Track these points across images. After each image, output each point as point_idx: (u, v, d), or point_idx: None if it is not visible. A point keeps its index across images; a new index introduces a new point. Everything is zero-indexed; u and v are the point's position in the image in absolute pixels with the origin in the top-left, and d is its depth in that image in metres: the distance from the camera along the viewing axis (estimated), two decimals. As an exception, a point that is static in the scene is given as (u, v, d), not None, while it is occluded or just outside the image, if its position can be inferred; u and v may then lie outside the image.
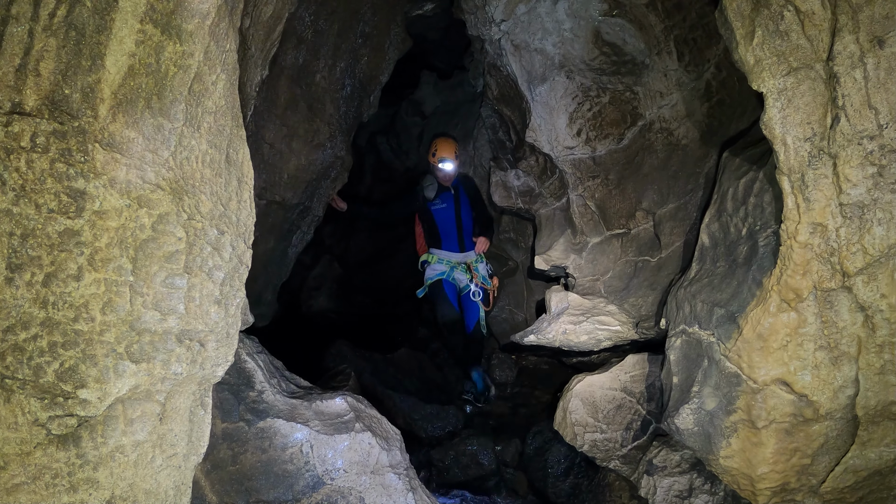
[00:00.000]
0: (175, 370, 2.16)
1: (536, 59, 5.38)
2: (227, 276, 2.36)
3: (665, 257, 4.84)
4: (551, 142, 5.44)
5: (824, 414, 3.22)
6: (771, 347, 3.19)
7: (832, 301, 3.04)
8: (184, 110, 2.16)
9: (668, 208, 4.91)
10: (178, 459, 2.30)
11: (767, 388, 3.25)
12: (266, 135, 5.34)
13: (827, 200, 2.89)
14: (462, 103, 8.61)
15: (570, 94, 5.32)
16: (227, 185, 2.40)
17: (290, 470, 3.36)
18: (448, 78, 9.21)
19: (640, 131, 5.18)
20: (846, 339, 3.07)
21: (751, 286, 3.34)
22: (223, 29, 2.32)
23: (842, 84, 2.80)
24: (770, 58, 2.99)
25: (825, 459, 3.36)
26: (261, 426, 3.38)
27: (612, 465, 4.56)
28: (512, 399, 7.02)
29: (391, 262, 9.63)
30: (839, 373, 3.13)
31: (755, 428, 3.34)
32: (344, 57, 6.08)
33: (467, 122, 8.19)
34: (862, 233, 2.85)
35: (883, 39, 2.72)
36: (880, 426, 3.17)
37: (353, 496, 3.41)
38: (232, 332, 2.46)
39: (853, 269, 2.91)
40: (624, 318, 4.90)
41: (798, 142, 2.93)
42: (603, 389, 4.62)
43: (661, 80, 5.03)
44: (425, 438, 6.32)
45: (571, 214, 5.58)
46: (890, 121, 2.73)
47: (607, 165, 5.33)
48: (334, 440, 3.49)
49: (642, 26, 4.92)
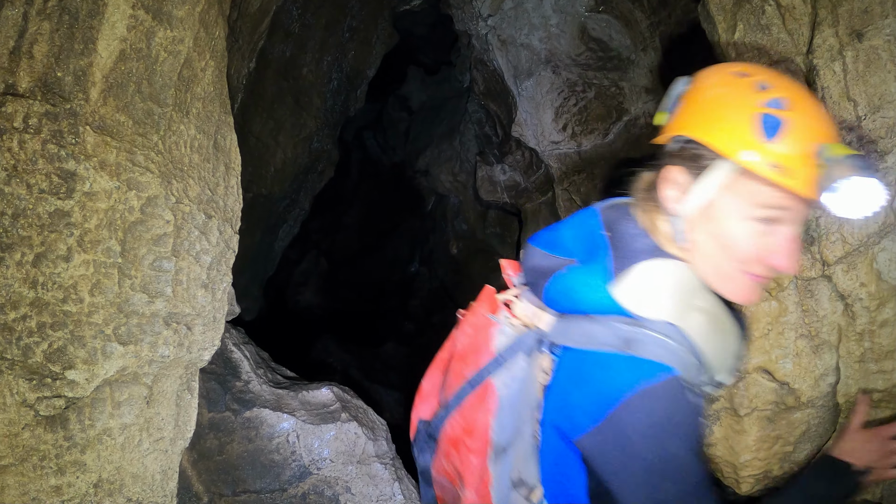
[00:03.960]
0: (162, 353, 2.17)
1: (523, 54, 5.41)
2: (214, 260, 2.37)
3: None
4: (537, 136, 5.47)
5: (806, 402, 3.25)
6: (752, 336, 3.23)
7: (812, 290, 3.08)
8: (173, 95, 2.18)
9: (653, 203, 4.95)
10: (165, 443, 2.31)
11: (749, 376, 3.28)
12: (252, 127, 5.36)
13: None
14: (449, 98, 8.64)
15: (556, 89, 5.35)
16: (214, 171, 2.42)
17: (276, 460, 3.37)
18: (435, 73, 9.24)
19: (625, 126, 5.22)
20: (827, 328, 3.11)
21: (733, 276, 3.39)
22: (213, 16, 2.34)
23: (821, 77, 2.84)
24: (751, 51, 3.03)
25: (807, 447, 3.39)
26: (247, 416, 3.38)
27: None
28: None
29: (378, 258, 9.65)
30: (820, 361, 3.17)
31: (738, 416, 3.38)
32: (331, 51, 6.10)
33: (454, 118, 8.22)
34: (841, 222, 2.90)
35: (862, 33, 2.76)
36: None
37: (339, 486, 3.42)
38: (219, 317, 2.47)
39: (833, 259, 2.95)
40: (609, 309, 4.94)
41: (779, 133, 2.98)
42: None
43: (647, 75, 5.07)
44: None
45: (556, 209, 5.61)
46: (868, 112, 2.77)
47: (593, 160, 5.36)
48: (320, 430, 3.50)
49: (628, 22, 4.96)
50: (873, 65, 2.76)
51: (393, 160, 9.66)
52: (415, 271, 9.90)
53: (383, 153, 9.77)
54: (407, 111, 9.37)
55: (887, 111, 2.75)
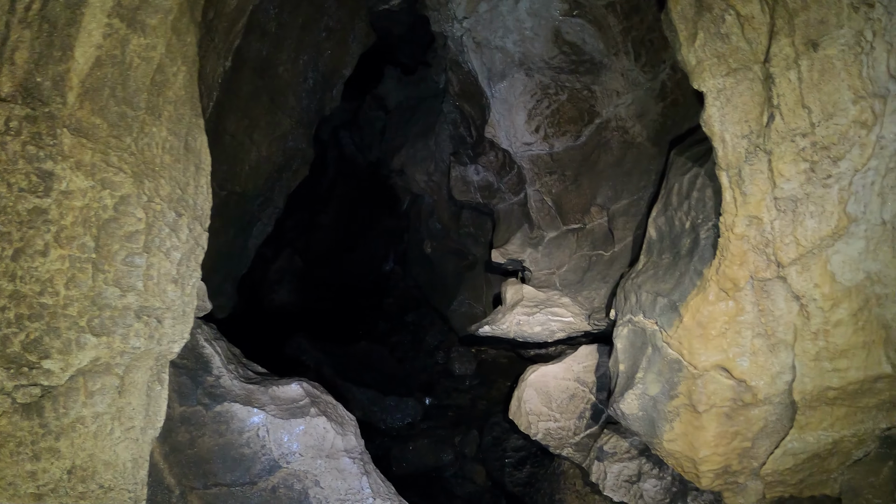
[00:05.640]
0: (133, 344, 2.25)
1: (497, 56, 5.49)
2: (183, 256, 2.45)
3: (618, 251, 4.99)
4: (510, 138, 5.56)
5: (763, 399, 3.37)
6: (710, 335, 3.34)
7: (768, 290, 3.19)
8: (146, 99, 2.26)
9: (622, 204, 5.06)
10: (135, 432, 2.38)
11: (707, 374, 3.39)
12: (228, 125, 5.40)
13: (762, 194, 3.04)
14: (425, 98, 8.68)
15: (529, 91, 5.44)
16: (185, 171, 2.50)
17: (246, 453, 3.43)
18: (412, 73, 9.28)
19: (596, 129, 5.32)
20: (782, 327, 3.22)
21: (692, 276, 3.49)
22: (184, 24, 2.42)
23: (777, 84, 2.95)
24: (711, 59, 3.14)
25: (765, 443, 3.51)
26: (218, 410, 3.44)
27: (566, 453, 4.69)
28: (471, 391, 7.12)
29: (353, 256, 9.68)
30: (776, 359, 3.28)
31: (696, 412, 3.49)
32: (307, 50, 6.14)
33: (429, 118, 8.27)
34: (795, 225, 3.00)
35: (817, 42, 2.86)
36: (817, 411, 3.32)
37: (308, 479, 3.49)
38: (188, 311, 2.55)
39: (787, 260, 3.07)
40: (577, 309, 5.04)
41: (736, 139, 3.08)
42: (556, 379, 4.75)
43: (619, 79, 5.17)
44: (385, 430, 6.40)
45: (529, 209, 5.70)
46: (822, 119, 2.88)
47: (564, 162, 5.46)
48: (290, 424, 3.57)
49: (601, 27, 5.05)
50: (828, 74, 2.87)
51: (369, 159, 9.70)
52: (389, 270, 9.95)
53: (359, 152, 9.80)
54: (383, 110, 9.41)
55: (840, 118, 2.86)
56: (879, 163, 2.87)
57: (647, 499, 4.17)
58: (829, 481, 3.58)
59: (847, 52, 2.81)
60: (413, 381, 7.48)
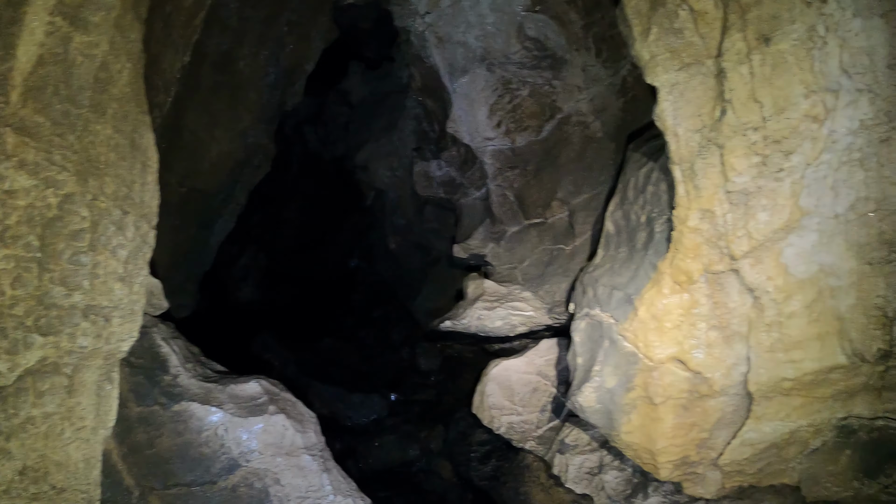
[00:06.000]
0: (81, 344, 2.23)
1: (459, 51, 5.49)
2: (130, 254, 2.44)
3: (579, 245, 5.03)
4: (472, 133, 5.57)
5: (719, 390, 3.41)
6: (665, 327, 3.38)
7: (722, 283, 3.23)
8: (90, 97, 2.24)
9: (583, 198, 5.10)
10: (86, 432, 2.37)
11: (663, 366, 3.44)
12: (187, 121, 5.35)
13: (715, 188, 3.08)
14: (389, 94, 8.65)
15: (491, 86, 5.45)
16: (131, 169, 2.49)
17: (206, 453, 3.41)
18: (376, 68, 9.24)
19: (558, 124, 5.35)
20: (737, 319, 3.27)
21: (647, 270, 3.53)
22: (128, 20, 2.41)
23: (729, 79, 2.99)
24: (664, 54, 3.17)
25: (723, 433, 3.55)
26: (176, 409, 3.42)
27: (529, 446, 4.72)
28: (436, 386, 7.13)
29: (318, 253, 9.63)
30: (731, 351, 3.33)
31: (653, 404, 3.53)
32: (269, 45, 6.09)
33: (393, 113, 8.25)
34: (747, 218, 3.05)
35: (769, 37, 2.90)
36: (773, 401, 3.37)
37: (268, 478, 3.48)
38: (136, 309, 2.54)
39: (740, 253, 3.11)
40: (538, 303, 5.07)
41: (689, 133, 3.12)
42: (519, 373, 4.78)
43: (580, 74, 5.20)
44: (351, 426, 6.39)
45: (491, 204, 5.72)
46: (773, 113, 2.92)
47: (526, 156, 5.48)
48: (249, 422, 3.55)
49: (564, 23, 5.08)
50: (779, 68, 2.92)
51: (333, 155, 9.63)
52: (354, 266, 9.91)
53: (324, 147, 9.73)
54: (348, 105, 9.34)
55: (792, 112, 2.91)
56: (832, 157, 2.92)
57: (608, 490, 4.20)
58: (788, 470, 3.62)
59: (799, 47, 2.86)
60: (379, 377, 7.47)
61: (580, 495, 4.35)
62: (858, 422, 3.35)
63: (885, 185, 2.91)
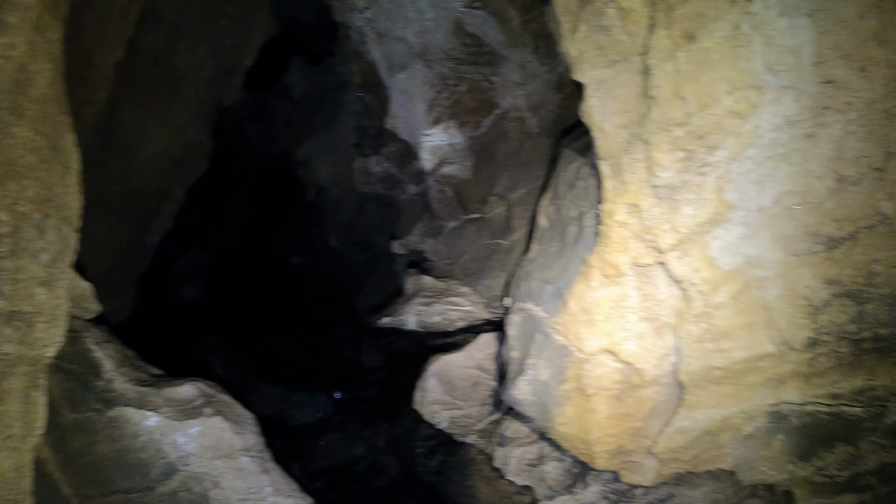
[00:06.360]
0: (4, 350, 2.19)
1: (398, 47, 5.49)
2: (52, 258, 2.39)
3: (516, 239, 5.08)
4: (410, 128, 5.58)
5: (651, 380, 3.47)
6: (595, 320, 3.43)
7: (650, 276, 3.29)
8: (8, 99, 2.19)
9: (520, 193, 5.14)
10: (14, 441, 2.31)
11: (595, 358, 3.49)
12: (122, 118, 5.24)
13: (641, 183, 3.13)
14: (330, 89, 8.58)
15: (429, 82, 5.46)
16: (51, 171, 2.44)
17: (143, 458, 3.36)
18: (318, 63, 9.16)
19: (495, 120, 5.38)
20: (666, 311, 3.33)
21: (577, 264, 3.57)
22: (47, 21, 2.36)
23: (655, 76, 3.03)
24: (592, 50, 3.21)
25: (657, 422, 3.61)
26: (111, 415, 3.36)
27: (471, 440, 4.75)
28: (380, 383, 7.11)
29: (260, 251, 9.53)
30: (662, 342, 3.39)
31: (586, 395, 3.58)
32: (206, 40, 5.99)
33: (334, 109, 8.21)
34: (673, 212, 3.10)
35: (694, 35, 2.94)
36: (704, 390, 3.43)
37: (207, 481, 3.44)
38: (60, 313, 2.49)
39: (666, 246, 3.17)
40: (476, 298, 5.11)
41: (615, 129, 3.17)
42: (459, 368, 4.80)
43: (518, 70, 5.24)
44: (296, 426, 6.34)
45: (429, 199, 5.73)
46: (697, 109, 2.97)
47: (464, 152, 5.50)
48: (185, 426, 3.50)
49: (502, 19, 5.11)
50: (704, 65, 2.96)
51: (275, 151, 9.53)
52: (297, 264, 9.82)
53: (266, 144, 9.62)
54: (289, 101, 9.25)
55: (715, 109, 2.96)
56: (757, 152, 2.97)
57: (549, 481, 4.24)
58: (723, 455, 3.69)
59: (723, 45, 2.91)
60: (323, 376, 7.42)
61: (522, 487, 4.39)
62: (789, 407, 3.43)
63: (810, 180, 2.96)
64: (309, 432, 6.18)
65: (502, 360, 4.71)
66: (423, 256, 5.87)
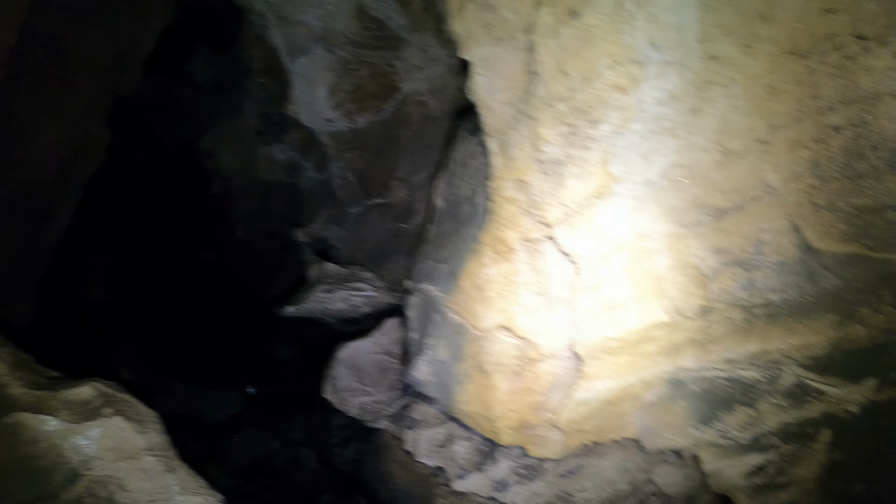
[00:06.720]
0: None
1: (299, 31, 5.41)
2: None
3: (418, 223, 5.08)
4: (312, 114, 5.52)
5: (548, 354, 3.52)
6: (489, 297, 3.46)
7: (540, 250, 3.33)
8: None
9: (421, 177, 5.16)
10: None
11: (490, 335, 3.52)
12: (15, 108, 5.02)
13: (528, 158, 3.16)
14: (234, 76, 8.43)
15: (331, 67, 5.40)
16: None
17: (44, 465, 3.24)
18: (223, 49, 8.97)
19: (397, 104, 5.38)
20: (558, 284, 3.37)
21: (469, 242, 3.60)
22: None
23: (539, 52, 3.06)
24: (478, 29, 3.21)
25: (558, 395, 3.66)
26: (7, 422, 3.22)
27: (383, 426, 4.75)
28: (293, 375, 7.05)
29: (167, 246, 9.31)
30: (556, 315, 3.43)
31: (485, 372, 3.61)
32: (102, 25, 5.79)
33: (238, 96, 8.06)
34: (559, 187, 3.14)
35: (577, 11, 2.97)
36: (602, 361, 3.48)
37: (112, 484, 3.33)
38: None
39: (554, 221, 3.21)
40: (379, 283, 5.10)
41: (501, 106, 3.19)
42: (367, 354, 4.79)
43: (420, 54, 5.24)
44: (210, 424, 6.23)
45: (333, 186, 5.70)
46: (580, 84, 3.01)
47: (367, 137, 5.48)
48: (85, 428, 3.38)
49: (405, 3, 5.10)
50: (587, 41, 2.99)
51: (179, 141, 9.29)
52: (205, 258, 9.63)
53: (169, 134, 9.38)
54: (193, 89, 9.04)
55: (598, 83, 3.00)
56: (642, 126, 3.02)
57: (459, 460, 4.27)
58: (627, 425, 3.77)
59: (606, 21, 2.93)
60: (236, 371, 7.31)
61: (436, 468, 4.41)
62: (687, 374, 3.51)
63: (696, 153, 3.03)
64: (224, 430, 6.09)
65: (406, 343, 4.72)
66: (329, 244, 5.83)
